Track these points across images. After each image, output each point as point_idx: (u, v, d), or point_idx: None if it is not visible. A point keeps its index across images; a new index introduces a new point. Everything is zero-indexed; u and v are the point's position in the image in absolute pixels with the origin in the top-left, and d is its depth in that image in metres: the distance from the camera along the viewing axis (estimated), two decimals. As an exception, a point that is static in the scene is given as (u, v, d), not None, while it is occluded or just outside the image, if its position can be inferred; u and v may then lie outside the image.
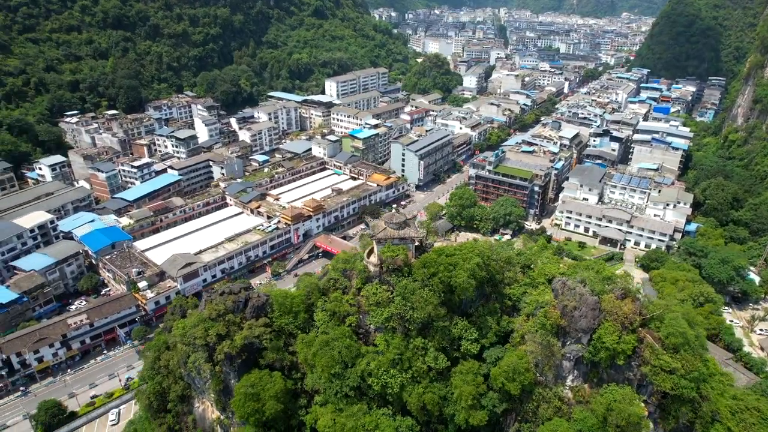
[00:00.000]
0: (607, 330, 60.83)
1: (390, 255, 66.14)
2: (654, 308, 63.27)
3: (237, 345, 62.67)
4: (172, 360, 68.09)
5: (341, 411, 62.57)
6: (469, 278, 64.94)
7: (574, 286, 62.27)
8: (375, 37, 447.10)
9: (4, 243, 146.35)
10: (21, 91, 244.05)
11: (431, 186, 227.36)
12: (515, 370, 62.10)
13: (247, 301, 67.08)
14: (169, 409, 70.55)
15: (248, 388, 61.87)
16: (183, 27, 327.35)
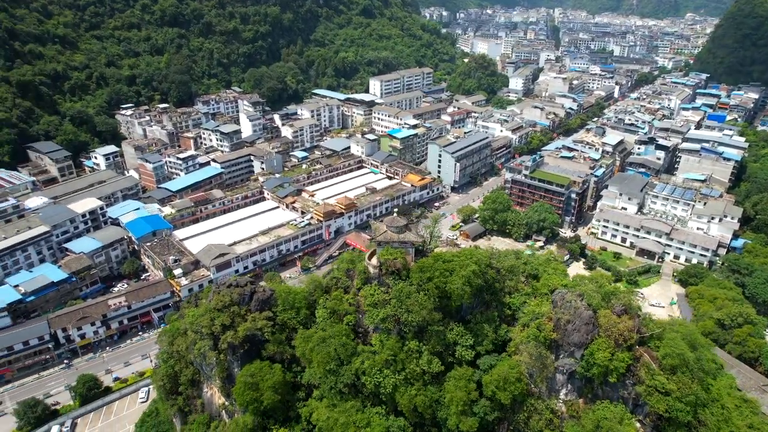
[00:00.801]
0: (600, 346, 59.71)
1: (388, 258, 67.34)
2: (654, 327, 61.24)
3: (240, 336, 65.84)
4: (182, 346, 72.23)
5: (335, 406, 64.45)
6: (464, 285, 65.28)
7: (571, 299, 61.24)
8: (422, 37, 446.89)
9: (58, 226, 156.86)
10: (84, 84, 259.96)
11: (467, 188, 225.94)
12: (506, 380, 61.98)
13: (252, 295, 70.15)
14: (180, 391, 74.88)
15: (248, 377, 64.80)
16: (234, 24, 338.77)
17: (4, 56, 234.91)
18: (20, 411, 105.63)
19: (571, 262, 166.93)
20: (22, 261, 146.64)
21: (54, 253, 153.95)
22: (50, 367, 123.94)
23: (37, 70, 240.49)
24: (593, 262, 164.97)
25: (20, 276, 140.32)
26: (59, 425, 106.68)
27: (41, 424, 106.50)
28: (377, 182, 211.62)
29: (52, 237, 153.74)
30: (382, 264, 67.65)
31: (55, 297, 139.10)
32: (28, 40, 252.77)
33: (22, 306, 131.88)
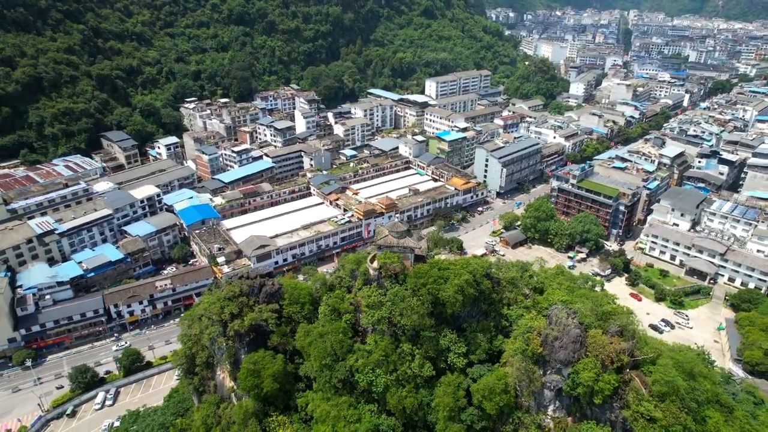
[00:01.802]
0: (586, 366, 58.45)
1: (386, 261, 69.05)
2: (648, 351, 58.90)
3: (246, 325, 69.89)
4: (197, 330, 77.38)
5: (329, 400, 67.13)
6: (457, 293, 65.90)
7: (562, 315, 60.14)
8: (483, 39, 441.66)
9: (120, 210, 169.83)
10: (154, 78, 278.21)
11: (513, 194, 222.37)
12: (492, 390, 62.27)
13: (261, 288, 74.06)
14: (196, 372, 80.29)
15: (251, 364, 68.75)
16: (296, 24, 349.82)
17: (88, 52, 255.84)
18: (73, 375, 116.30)
19: (612, 277, 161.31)
20: (87, 240, 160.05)
21: (114, 235, 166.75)
22: (102, 338, 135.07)
23: (114, 65, 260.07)
24: (636, 278, 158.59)
25: (84, 254, 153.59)
26: (105, 392, 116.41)
27: (90, 389, 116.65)
28: (421, 184, 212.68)
29: (113, 220, 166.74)
30: (381, 267, 69.57)
31: (112, 275, 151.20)
32: (109, 37, 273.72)
33: (83, 281, 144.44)
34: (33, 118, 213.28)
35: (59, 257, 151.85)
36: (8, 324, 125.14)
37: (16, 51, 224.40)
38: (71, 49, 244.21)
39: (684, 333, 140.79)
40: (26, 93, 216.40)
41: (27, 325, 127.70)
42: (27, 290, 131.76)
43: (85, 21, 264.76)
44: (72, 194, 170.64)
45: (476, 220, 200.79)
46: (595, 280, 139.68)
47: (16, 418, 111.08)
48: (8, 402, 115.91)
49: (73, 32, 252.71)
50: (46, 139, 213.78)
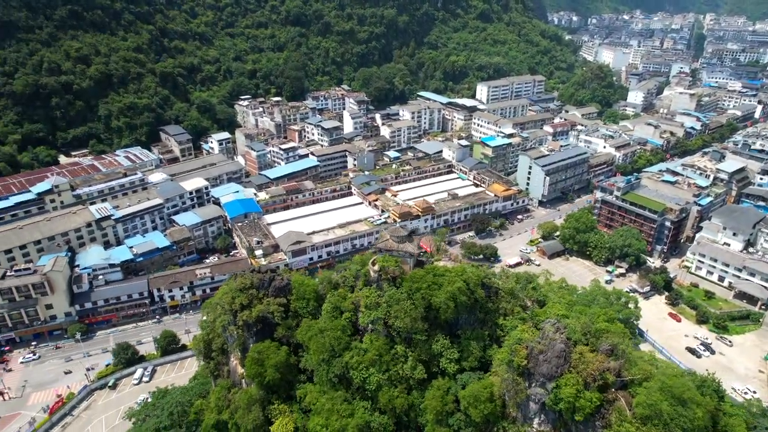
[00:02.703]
0: (568, 381, 57.73)
1: (385, 264, 70.81)
2: (637, 372, 57.09)
3: (253, 316, 73.86)
4: (212, 317, 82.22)
5: (325, 393, 69.96)
6: (448, 300, 66.71)
7: (550, 329, 59.42)
8: (540, 44, 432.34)
9: (170, 200, 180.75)
10: (213, 76, 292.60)
11: (556, 204, 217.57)
12: (476, 398, 62.84)
13: (271, 282, 77.89)
14: (212, 357, 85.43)
15: (255, 354, 72.40)
16: (351, 25, 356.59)
17: (155, 51, 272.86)
18: (116, 351, 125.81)
19: (651, 295, 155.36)
20: (139, 227, 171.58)
21: (164, 223, 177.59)
22: (145, 319, 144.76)
23: (177, 63, 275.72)
24: (677, 297, 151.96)
25: (135, 239, 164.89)
26: (143, 369, 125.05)
27: (130, 365, 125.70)
28: (461, 188, 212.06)
29: (164, 209, 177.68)
30: (381, 270, 71.53)
31: (159, 261, 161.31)
32: (174, 37, 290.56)
33: (132, 264, 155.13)
34: (102, 111, 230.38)
35: (114, 241, 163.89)
36: (65, 299, 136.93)
37: (92, 50, 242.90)
38: (140, 48, 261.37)
39: (725, 359, 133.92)
40: (98, 88, 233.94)
41: (81, 301, 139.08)
42: (83, 270, 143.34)
43: (154, 22, 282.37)
44: (129, 183, 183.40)
45: (515, 228, 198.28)
46: (628, 296, 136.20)
47: (66, 385, 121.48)
48: (60, 370, 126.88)
49: (143, 32, 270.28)
50: (112, 131, 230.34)
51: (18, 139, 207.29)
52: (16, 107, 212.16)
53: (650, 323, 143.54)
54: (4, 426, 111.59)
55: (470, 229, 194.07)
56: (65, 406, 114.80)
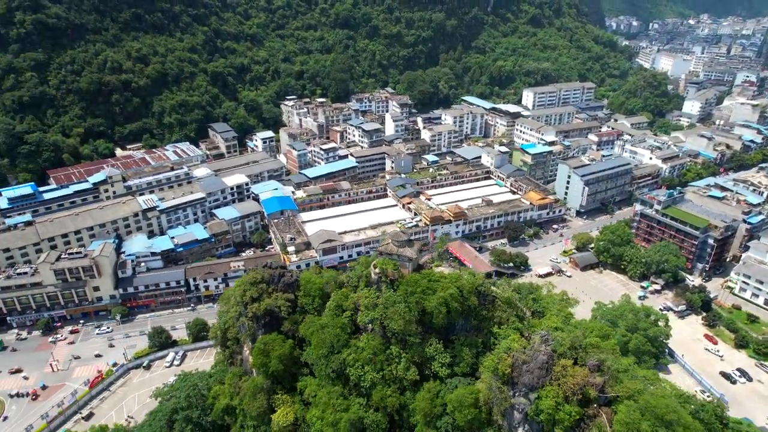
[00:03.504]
0: (548, 393, 57.52)
1: (384, 267, 72.58)
2: (621, 389, 55.85)
3: (261, 309, 77.72)
4: (226, 308, 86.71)
5: (323, 387, 72.84)
6: (440, 305, 67.80)
7: (537, 340, 59.15)
8: (591, 49, 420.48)
9: (212, 194, 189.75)
10: (261, 76, 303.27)
11: (594, 215, 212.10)
12: (461, 402, 63.85)
13: (281, 277, 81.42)
14: (228, 345, 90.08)
15: (261, 345, 76.15)
16: (398, 29, 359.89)
17: (208, 51, 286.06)
18: (151, 334, 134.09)
19: (687, 314, 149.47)
20: (182, 218, 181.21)
21: (205, 216, 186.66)
22: (180, 307, 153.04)
23: (228, 63, 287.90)
24: (716, 319, 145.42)
25: (177, 230, 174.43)
26: (174, 353, 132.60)
27: (163, 348, 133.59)
28: (497, 195, 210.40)
29: (206, 202, 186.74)
30: (381, 272, 73.49)
31: (197, 252, 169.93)
32: (227, 38, 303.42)
33: (173, 254, 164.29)
34: (156, 108, 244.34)
35: (157, 231, 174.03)
36: (111, 283, 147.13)
37: (151, 50, 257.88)
38: (194, 48, 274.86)
39: (763, 388, 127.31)
40: (154, 86, 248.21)
41: (124, 285, 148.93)
42: (128, 256, 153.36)
43: (209, 23, 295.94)
44: (175, 177, 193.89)
45: (549, 238, 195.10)
46: (658, 313, 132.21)
47: (106, 362, 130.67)
48: (102, 348, 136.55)
49: (198, 34, 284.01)
50: (164, 126, 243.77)
51: (81, 132, 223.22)
52: (81, 103, 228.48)
53: (683, 344, 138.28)
54: (51, 395, 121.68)
55: (503, 237, 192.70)
56: (104, 382, 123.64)
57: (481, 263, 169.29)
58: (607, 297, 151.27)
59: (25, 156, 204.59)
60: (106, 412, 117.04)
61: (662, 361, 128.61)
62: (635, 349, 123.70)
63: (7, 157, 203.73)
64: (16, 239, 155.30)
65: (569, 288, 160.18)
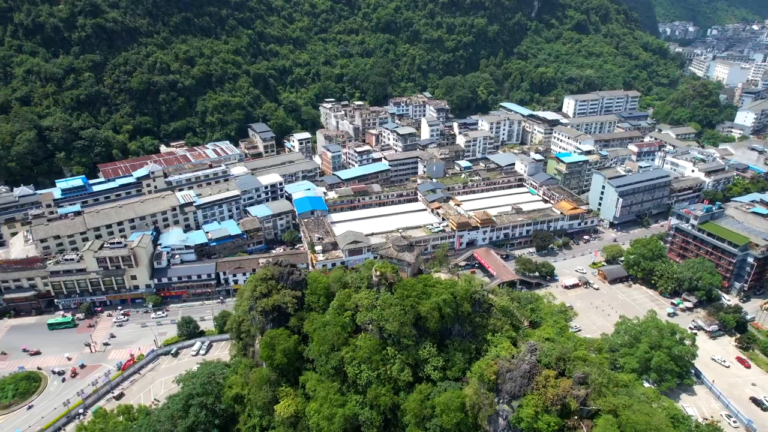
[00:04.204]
0: (528, 402, 57.39)
1: (383, 270, 74.34)
2: (602, 403, 55.14)
3: (269, 304, 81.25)
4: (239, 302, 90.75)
5: (322, 382, 75.54)
6: (433, 310, 68.93)
7: (523, 350, 59.28)
8: (639, 57, 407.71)
9: (247, 192, 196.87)
10: (302, 79, 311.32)
11: (629, 227, 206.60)
12: (448, 405, 64.78)
13: (289, 275, 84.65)
14: (242, 337, 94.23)
15: (268, 338, 79.55)
16: (439, 34, 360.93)
17: (251, 53, 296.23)
18: (181, 323, 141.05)
19: (719, 335, 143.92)
20: (217, 215, 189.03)
21: (239, 213, 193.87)
22: (210, 299, 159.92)
23: (270, 66, 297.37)
24: (750, 341, 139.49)
25: (211, 225, 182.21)
26: (201, 342, 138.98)
27: (191, 338, 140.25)
28: (528, 203, 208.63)
29: (240, 200, 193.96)
30: (381, 275, 75.44)
31: (230, 247, 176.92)
32: (271, 41, 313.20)
33: (206, 248, 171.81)
34: (199, 107, 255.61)
35: (193, 225, 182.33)
36: (147, 273, 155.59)
37: (197, 52, 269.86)
38: (238, 50, 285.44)
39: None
40: (198, 87, 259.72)
41: (159, 276, 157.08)
42: (164, 248, 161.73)
43: (254, 27, 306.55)
44: (213, 174, 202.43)
45: (579, 248, 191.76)
46: (684, 332, 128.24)
47: (138, 347, 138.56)
48: (136, 333, 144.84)
49: (243, 36, 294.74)
50: (206, 125, 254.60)
51: (130, 129, 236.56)
52: (131, 101, 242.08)
53: (711, 365, 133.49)
54: (88, 373, 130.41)
55: (532, 246, 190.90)
56: (135, 365, 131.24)
57: (505, 271, 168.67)
58: (635, 312, 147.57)
59: (79, 150, 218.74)
60: (135, 393, 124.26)
61: (686, 381, 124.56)
62: (657, 367, 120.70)
63: (63, 150, 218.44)
64: (66, 228, 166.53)
65: (595, 301, 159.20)
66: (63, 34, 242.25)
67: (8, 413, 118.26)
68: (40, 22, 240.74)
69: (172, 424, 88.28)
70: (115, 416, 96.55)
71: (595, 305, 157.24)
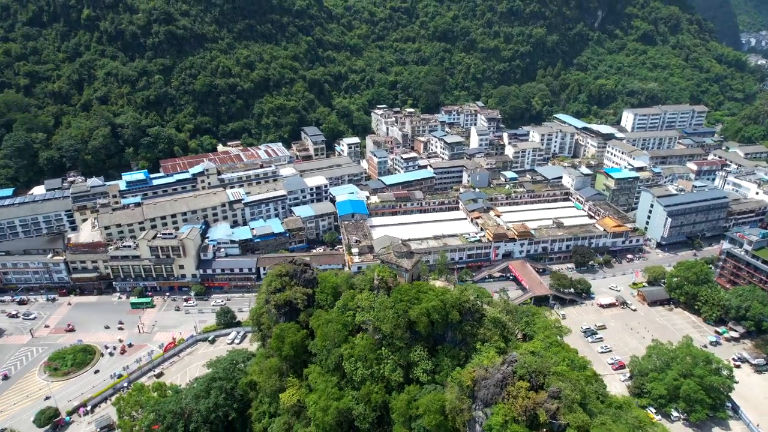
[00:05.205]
0: (498, 410, 57.84)
1: (381, 274, 77.41)
2: (572, 419, 54.75)
3: (281, 299, 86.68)
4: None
5: (322, 376, 79.99)
6: (422, 315, 71.48)
7: (499, 360, 60.10)
8: (711, 69, 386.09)
9: (292, 193, 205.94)
10: (356, 85, 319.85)
11: (677, 248, 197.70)
12: (427, 407, 67.46)
13: (302, 273, 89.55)
14: (261, 328, 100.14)
15: (278, 331, 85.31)
16: (496, 43, 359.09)
17: (309, 59, 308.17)
18: (219, 313, 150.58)
19: (766, 369, 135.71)
20: (263, 212, 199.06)
21: (284, 212, 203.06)
22: (250, 292, 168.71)
23: (326, 71, 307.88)
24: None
25: (257, 222, 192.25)
26: (236, 332, 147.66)
27: (228, 327, 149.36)
28: (571, 218, 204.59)
29: (286, 200, 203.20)
30: (380, 279, 78.72)
31: (272, 244, 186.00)
32: (328, 47, 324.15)
33: (250, 243, 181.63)
34: (256, 110, 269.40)
35: (240, 221, 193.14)
36: (194, 263, 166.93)
37: (257, 57, 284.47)
38: (296, 56, 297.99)
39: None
40: (256, 90, 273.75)
41: (204, 267, 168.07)
42: (210, 241, 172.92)
43: (313, 34, 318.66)
44: (263, 174, 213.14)
45: (621, 267, 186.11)
46: (720, 361, 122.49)
47: (180, 331, 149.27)
48: (179, 319, 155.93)
49: (302, 43, 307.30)
50: (261, 127, 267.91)
51: (191, 129, 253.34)
52: (194, 102, 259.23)
53: (754, 401, 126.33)
54: (135, 351, 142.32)
55: (571, 261, 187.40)
56: (175, 348, 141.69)
57: (538, 285, 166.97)
58: (673, 337, 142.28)
59: (145, 146, 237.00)
60: (173, 374, 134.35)
61: (720, 414, 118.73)
62: (686, 396, 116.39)
63: (132, 146, 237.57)
64: (127, 217, 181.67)
65: (631, 322, 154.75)
66: (139, 40, 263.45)
67: (66, 380, 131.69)
68: (121, 30, 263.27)
69: (196, 403, 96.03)
70: (149, 391, 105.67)
71: (630, 326, 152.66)
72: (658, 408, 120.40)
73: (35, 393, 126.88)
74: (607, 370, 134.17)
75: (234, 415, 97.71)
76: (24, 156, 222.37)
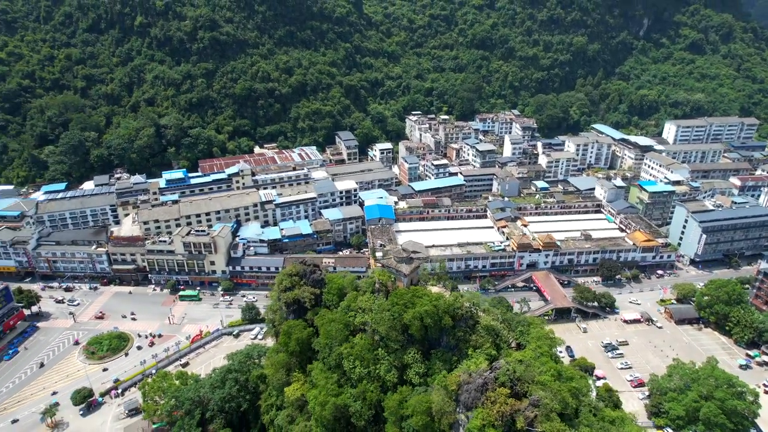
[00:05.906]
0: (477, 415, 58.73)
1: (381, 278, 79.80)
2: (547, 427, 55.02)
3: (290, 297, 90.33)
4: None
5: (324, 372, 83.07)
6: (414, 319, 73.56)
7: (484, 367, 61.02)
8: (766, 80, 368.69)
9: (322, 195, 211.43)
10: (392, 91, 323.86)
11: (713, 266, 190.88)
12: (414, 408, 69.43)
13: (311, 274, 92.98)
14: (274, 324, 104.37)
15: (286, 327, 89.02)
16: (535, 51, 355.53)
17: (346, 65, 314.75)
18: (244, 308, 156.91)
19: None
20: (294, 214, 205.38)
21: (314, 214, 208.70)
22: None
23: (363, 77, 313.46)
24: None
25: (286, 223, 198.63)
26: (260, 328, 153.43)
27: (252, 323, 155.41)
28: (601, 230, 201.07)
29: (316, 202, 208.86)
30: (380, 282, 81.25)
31: (300, 244, 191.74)
32: (366, 54, 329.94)
33: (279, 243, 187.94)
34: (293, 114, 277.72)
35: (271, 221, 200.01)
36: (224, 260, 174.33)
37: (296, 63, 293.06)
38: (334, 62, 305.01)
39: None
40: (294, 95, 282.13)
41: (234, 264, 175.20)
42: (241, 240, 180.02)
43: (352, 40, 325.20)
44: (295, 176, 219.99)
45: (649, 283, 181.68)
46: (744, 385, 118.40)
47: (207, 324, 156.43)
48: (207, 313, 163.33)
49: (340, 49, 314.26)
50: (297, 131, 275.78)
51: (230, 131, 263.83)
52: (233, 105, 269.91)
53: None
54: (165, 341, 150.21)
55: (598, 274, 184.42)
56: (201, 340, 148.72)
57: (561, 297, 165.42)
58: (698, 357, 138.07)
59: (186, 147, 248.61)
60: (198, 364, 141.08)
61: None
62: (705, 419, 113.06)
63: (174, 146, 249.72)
64: (164, 213, 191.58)
65: (655, 339, 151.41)
66: (185, 46, 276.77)
67: (102, 363, 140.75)
68: (170, 36, 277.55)
69: (212, 392, 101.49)
70: (172, 378, 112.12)
71: (654, 344, 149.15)
72: (676, 429, 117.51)
73: (74, 374, 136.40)
74: (626, 387, 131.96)
75: (246, 406, 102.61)
76: (77, 153, 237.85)
